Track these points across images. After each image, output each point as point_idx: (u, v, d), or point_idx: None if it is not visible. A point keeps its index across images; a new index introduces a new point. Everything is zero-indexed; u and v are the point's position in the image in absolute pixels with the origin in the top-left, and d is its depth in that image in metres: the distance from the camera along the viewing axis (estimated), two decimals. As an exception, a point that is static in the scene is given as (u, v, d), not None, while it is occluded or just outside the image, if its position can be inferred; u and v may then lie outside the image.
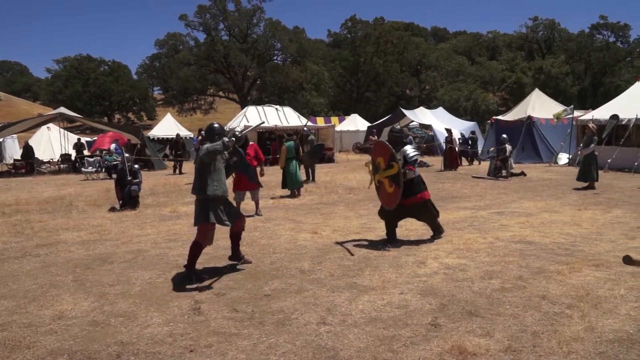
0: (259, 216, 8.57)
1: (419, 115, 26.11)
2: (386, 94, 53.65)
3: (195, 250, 5.16)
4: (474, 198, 10.47)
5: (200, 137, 13.98)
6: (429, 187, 12.44)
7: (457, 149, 17.71)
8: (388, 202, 6.17)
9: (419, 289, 4.58)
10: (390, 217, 6.37)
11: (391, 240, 6.34)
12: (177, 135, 21.40)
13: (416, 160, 6.40)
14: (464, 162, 19.10)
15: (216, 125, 5.37)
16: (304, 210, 9.41)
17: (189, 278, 5.05)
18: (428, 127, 26.25)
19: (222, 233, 6.57)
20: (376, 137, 22.70)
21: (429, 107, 37.48)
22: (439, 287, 4.61)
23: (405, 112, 26.25)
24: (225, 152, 5.06)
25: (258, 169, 8.70)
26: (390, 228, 6.44)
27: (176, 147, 20.07)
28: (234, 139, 5.02)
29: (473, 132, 20.75)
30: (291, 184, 11.30)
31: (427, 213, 6.36)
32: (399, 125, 24.07)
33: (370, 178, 6.72)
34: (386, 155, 6.18)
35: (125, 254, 6.24)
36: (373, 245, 6.27)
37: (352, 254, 5.84)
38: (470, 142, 19.77)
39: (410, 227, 7.15)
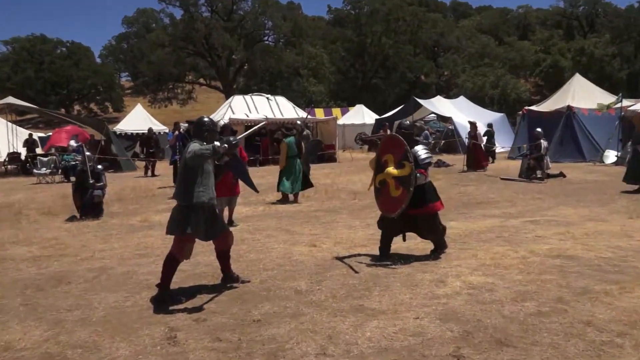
0: (233, 226, 8.55)
1: (437, 106, 26.18)
2: (397, 81, 53.77)
3: (170, 265, 5.14)
4: (503, 204, 10.46)
5: (176, 133, 13.95)
6: (449, 190, 12.57)
7: (482, 145, 17.69)
8: (391, 208, 6.12)
9: (438, 312, 4.56)
10: (392, 228, 6.33)
11: (383, 255, 6.33)
12: (150, 130, 21.40)
13: (429, 163, 6.39)
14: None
15: (206, 119, 5.37)
16: (300, 219, 9.38)
17: (163, 300, 5.03)
18: (447, 119, 26.28)
19: (202, 246, 6.54)
20: (389, 131, 22.69)
21: (448, 96, 37.51)
22: (462, 310, 4.59)
23: (421, 102, 26.32)
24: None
25: None
26: (386, 241, 6.41)
27: (148, 144, 20.07)
28: (226, 145, 4.98)
29: (490, 125, 20.78)
30: (289, 187, 11.25)
31: (433, 229, 6.34)
32: (409, 120, 24.12)
33: (372, 179, 6.66)
34: (398, 152, 6.15)
35: (85, 273, 6.20)
36: (382, 260, 6.24)
37: (356, 272, 5.81)
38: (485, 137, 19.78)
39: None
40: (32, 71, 58.96)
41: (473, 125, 18.02)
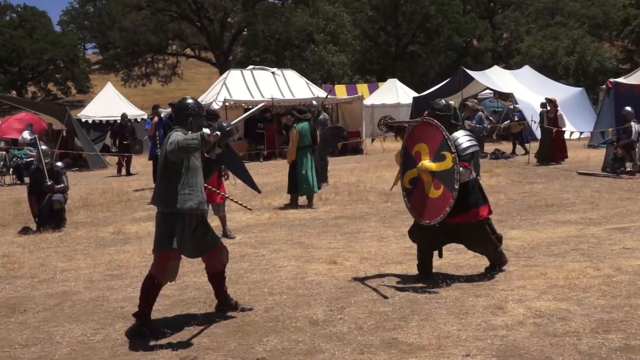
0: (229, 239, 8.62)
1: (493, 79, 25.98)
2: (442, 48, 53.46)
3: (150, 290, 5.21)
4: (580, 206, 10.39)
5: (155, 119, 14.09)
6: (510, 189, 12.55)
7: (564, 129, 17.41)
8: (430, 213, 6.09)
9: (495, 348, 4.56)
10: (429, 239, 6.31)
11: (425, 277, 6.33)
12: (123, 116, 21.60)
13: (473, 154, 6.32)
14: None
15: (190, 100, 5.44)
16: (317, 228, 9.42)
17: (141, 333, 5.11)
18: (507, 97, 26.06)
19: (191, 264, 6.62)
20: None
21: (508, 66, 37.13)
22: (527, 345, 4.58)
23: (472, 74, 26.13)
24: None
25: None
26: (425, 256, 6.40)
27: (121, 135, 20.27)
28: (218, 132, 5.03)
29: (544, 105, 20.56)
30: (305, 187, 11.30)
31: (483, 239, 6.29)
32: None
33: (397, 176, 6.61)
34: (434, 140, 6.10)
35: (45, 299, 6.31)
36: (422, 281, 6.25)
37: (385, 297, 5.82)
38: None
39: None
40: (-26, 44, 59.79)
41: (552, 103, 17.64)
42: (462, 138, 6.28)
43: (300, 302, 5.82)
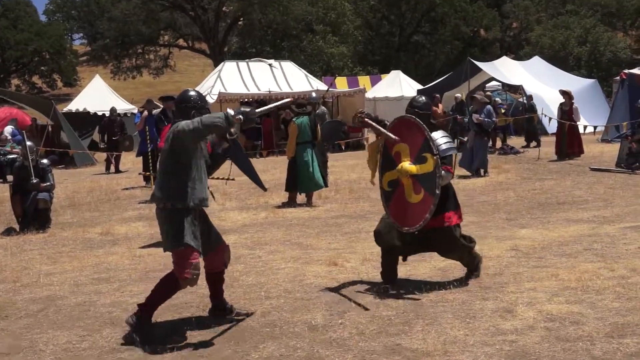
0: None
1: (502, 70, 26.01)
2: (448, 37, 53.50)
3: (167, 289, 5.20)
4: (594, 204, 10.40)
5: (144, 113, 14.07)
6: (520, 186, 12.58)
7: (579, 124, 17.35)
8: (409, 219, 6.00)
9: (504, 353, 4.55)
10: (396, 244, 6.19)
11: (389, 281, 6.25)
12: (112, 110, 21.60)
13: (451, 156, 6.25)
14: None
15: (192, 93, 5.41)
16: (316, 228, 9.42)
17: (131, 339, 5.08)
18: (517, 89, 26.09)
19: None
20: (440, 106, 22.55)
21: (517, 57, 37.15)
22: (537, 350, 4.58)
23: (479, 65, 26.15)
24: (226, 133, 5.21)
25: None
26: (390, 262, 6.27)
27: (110, 130, 20.25)
28: (241, 116, 4.94)
29: (530, 97, 20.55)
30: (306, 186, 11.31)
31: (454, 246, 6.19)
32: (465, 89, 24.02)
33: (374, 169, 6.40)
34: (415, 140, 5.99)
35: (28, 304, 6.28)
36: (428, 285, 6.25)
37: (366, 309, 5.65)
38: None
39: (485, 248, 7.09)
40: (-45, 34, 59.80)
41: (567, 95, 17.63)
42: (441, 139, 6.13)
43: (298, 306, 5.81)
